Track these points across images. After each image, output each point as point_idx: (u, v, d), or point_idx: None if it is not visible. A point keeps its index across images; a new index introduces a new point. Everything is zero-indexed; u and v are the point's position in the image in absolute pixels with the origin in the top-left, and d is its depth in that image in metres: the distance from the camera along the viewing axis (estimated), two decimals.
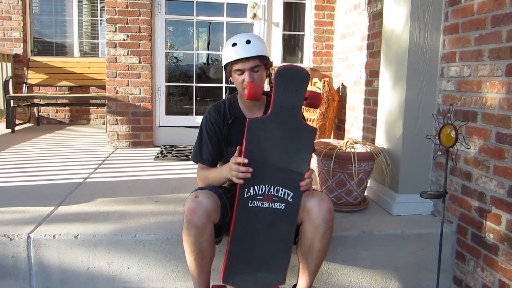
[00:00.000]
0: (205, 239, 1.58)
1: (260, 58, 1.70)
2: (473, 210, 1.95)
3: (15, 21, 5.21)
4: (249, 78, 1.68)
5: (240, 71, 1.71)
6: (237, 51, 1.69)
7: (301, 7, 4.27)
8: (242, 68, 1.69)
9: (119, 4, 3.80)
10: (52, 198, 2.35)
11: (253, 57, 1.68)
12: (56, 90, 5.33)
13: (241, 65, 1.69)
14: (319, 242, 1.61)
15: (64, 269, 1.87)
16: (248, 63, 1.68)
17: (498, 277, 1.79)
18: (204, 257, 1.62)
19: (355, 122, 3.51)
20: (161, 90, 4.08)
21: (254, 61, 1.69)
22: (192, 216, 1.55)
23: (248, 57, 1.68)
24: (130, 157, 3.54)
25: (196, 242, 1.57)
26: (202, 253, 1.60)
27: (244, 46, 1.69)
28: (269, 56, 1.77)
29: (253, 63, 1.69)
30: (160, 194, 2.50)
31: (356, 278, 2.01)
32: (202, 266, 1.64)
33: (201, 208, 1.55)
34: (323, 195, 1.65)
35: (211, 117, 1.83)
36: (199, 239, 1.57)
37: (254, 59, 1.69)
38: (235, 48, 1.70)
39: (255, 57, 1.69)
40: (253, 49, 1.69)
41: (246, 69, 1.69)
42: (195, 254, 1.60)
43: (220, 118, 1.82)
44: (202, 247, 1.59)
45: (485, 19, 1.86)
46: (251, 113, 1.84)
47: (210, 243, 1.62)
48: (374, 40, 3.16)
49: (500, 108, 1.77)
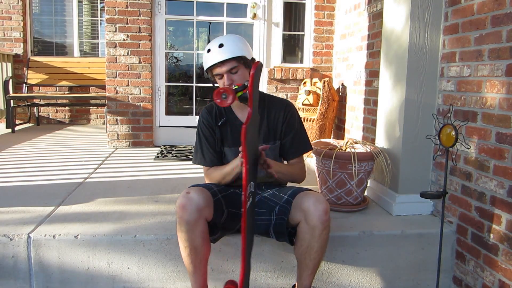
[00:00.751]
0: (197, 236, 1.59)
1: (236, 59, 1.71)
2: (473, 210, 1.95)
3: (15, 21, 5.21)
4: (227, 81, 1.70)
5: (219, 75, 1.74)
6: (212, 57, 1.71)
7: (301, 7, 4.27)
8: (220, 72, 1.72)
9: (119, 4, 3.80)
10: (52, 198, 2.35)
11: (229, 59, 1.69)
12: (56, 90, 5.33)
13: (218, 69, 1.72)
14: (316, 242, 1.61)
15: (64, 269, 1.87)
16: (224, 66, 1.71)
17: (498, 277, 1.79)
18: (198, 253, 1.62)
19: (355, 122, 3.51)
20: (161, 90, 4.08)
21: (230, 63, 1.70)
22: (183, 212, 1.56)
23: (223, 61, 1.69)
24: (130, 157, 3.54)
25: (188, 239, 1.58)
26: (196, 249, 1.61)
27: (218, 50, 1.70)
28: (247, 55, 1.76)
29: (230, 65, 1.71)
30: (160, 194, 2.50)
31: (356, 278, 2.01)
32: (197, 263, 1.64)
33: (191, 204, 1.56)
34: (319, 196, 1.65)
35: (204, 119, 1.88)
36: (191, 236, 1.58)
37: (230, 61, 1.70)
38: (210, 54, 1.72)
39: (231, 59, 1.70)
40: (226, 52, 1.70)
41: (224, 72, 1.71)
42: (188, 250, 1.61)
43: (213, 120, 1.87)
44: (195, 244, 1.60)
45: (485, 19, 1.86)
46: (242, 112, 1.86)
47: (203, 239, 1.62)
48: (374, 40, 3.16)
49: (500, 108, 1.77)
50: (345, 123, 3.79)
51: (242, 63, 1.73)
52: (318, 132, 3.62)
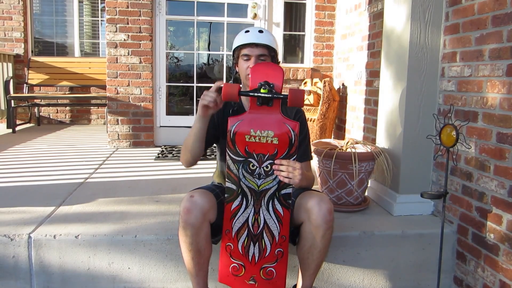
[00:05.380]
0: (201, 238, 1.58)
1: (268, 48, 1.73)
2: (474, 210, 1.95)
3: (15, 21, 5.21)
4: (254, 63, 1.70)
5: (247, 56, 1.73)
6: (249, 37, 1.74)
7: (301, 7, 4.27)
8: (249, 53, 1.72)
9: (120, 4, 3.80)
10: (52, 198, 2.36)
11: (262, 45, 1.72)
12: (57, 90, 5.33)
13: (249, 50, 1.72)
14: (319, 242, 1.61)
15: (64, 269, 1.87)
16: (256, 49, 1.72)
17: (499, 277, 1.79)
18: (202, 256, 1.62)
19: (356, 122, 3.51)
20: (161, 90, 4.08)
21: (263, 49, 1.72)
22: (188, 216, 1.54)
23: (258, 44, 1.71)
24: (131, 157, 3.54)
25: (193, 242, 1.57)
26: (200, 252, 1.60)
27: (256, 34, 1.74)
28: (277, 52, 1.79)
29: (261, 50, 1.72)
30: (161, 194, 2.50)
31: (356, 278, 2.01)
32: (200, 265, 1.64)
33: (196, 207, 1.55)
34: (323, 196, 1.64)
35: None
36: (195, 239, 1.57)
37: (263, 47, 1.72)
38: (247, 34, 1.75)
39: (264, 45, 1.72)
40: (264, 38, 1.73)
41: (254, 55, 1.72)
42: (192, 254, 1.60)
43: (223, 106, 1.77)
44: (199, 247, 1.59)
45: (486, 19, 1.86)
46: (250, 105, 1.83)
47: (207, 242, 1.62)
48: (374, 40, 3.16)
49: (501, 108, 1.77)
50: (345, 123, 3.79)
51: (271, 56, 1.75)
52: (318, 132, 3.62)
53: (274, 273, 1.62)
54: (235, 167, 1.58)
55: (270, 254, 1.61)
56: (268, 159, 1.56)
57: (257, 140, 1.56)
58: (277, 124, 1.55)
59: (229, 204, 1.61)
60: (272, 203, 1.59)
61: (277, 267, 1.62)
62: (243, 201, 1.60)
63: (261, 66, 1.62)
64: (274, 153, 1.56)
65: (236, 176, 1.58)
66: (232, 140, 1.57)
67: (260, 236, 1.61)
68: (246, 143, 1.56)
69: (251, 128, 1.56)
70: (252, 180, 1.58)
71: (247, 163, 1.57)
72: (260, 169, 1.57)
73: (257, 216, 1.60)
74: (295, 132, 1.55)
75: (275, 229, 1.60)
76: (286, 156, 1.56)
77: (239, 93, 1.56)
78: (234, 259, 1.64)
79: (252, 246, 1.62)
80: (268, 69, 1.59)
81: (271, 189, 1.58)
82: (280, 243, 1.60)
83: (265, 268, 1.63)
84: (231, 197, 1.60)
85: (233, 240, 1.62)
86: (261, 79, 1.56)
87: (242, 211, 1.60)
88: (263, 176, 1.58)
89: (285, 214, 1.59)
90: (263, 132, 1.56)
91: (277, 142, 1.55)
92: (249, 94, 1.56)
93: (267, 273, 1.63)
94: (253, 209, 1.60)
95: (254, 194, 1.59)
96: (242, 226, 1.61)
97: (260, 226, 1.60)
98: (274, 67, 1.61)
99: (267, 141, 1.55)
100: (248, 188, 1.59)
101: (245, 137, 1.56)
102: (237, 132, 1.56)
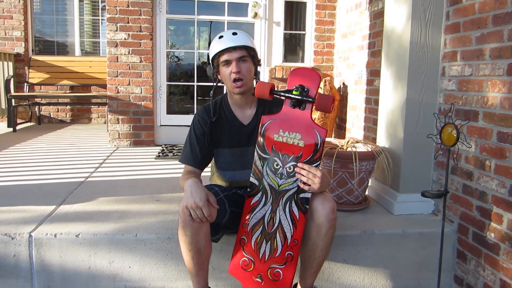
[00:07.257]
0: (201, 238, 1.58)
1: (247, 49, 1.72)
2: (474, 209, 1.95)
3: (16, 20, 5.21)
4: (235, 68, 1.69)
5: (227, 62, 1.71)
6: (224, 42, 1.71)
7: (302, 6, 4.27)
8: (229, 58, 1.70)
9: (120, 3, 3.80)
10: (53, 197, 2.36)
11: (240, 46, 1.69)
12: (57, 89, 5.33)
13: (228, 55, 1.70)
14: (321, 241, 1.61)
15: (65, 268, 1.87)
16: (235, 52, 1.69)
17: (500, 276, 1.79)
18: (202, 255, 1.62)
19: (356, 122, 3.51)
20: (162, 89, 4.08)
21: (241, 51, 1.70)
22: (187, 216, 1.54)
23: (235, 47, 1.69)
24: (131, 156, 3.54)
25: (193, 242, 1.57)
26: (200, 251, 1.60)
27: (231, 37, 1.71)
28: (256, 50, 1.77)
29: (240, 53, 1.70)
30: (161, 193, 2.50)
31: (357, 277, 2.01)
32: (200, 265, 1.63)
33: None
34: (326, 194, 1.64)
35: (199, 117, 1.83)
36: (195, 238, 1.56)
37: (241, 49, 1.70)
38: (222, 40, 1.72)
39: (242, 47, 1.70)
40: (240, 40, 1.71)
41: (233, 59, 1.69)
42: (192, 253, 1.60)
43: (207, 118, 1.82)
44: (199, 246, 1.59)
45: (487, 18, 1.85)
46: (242, 111, 1.83)
47: (207, 241, 1.61)
48: (375, 39, 3.16)
49: (501, 108, 1.77)
50: (346, 122, 3.79)
51: (250, 56, 1.74)
52: None
53: (281, 275, 1.63)
54: (261, 164, 1.64)
55: (280, 255, 1.63)
56: (292, 161, 1.60)
57: (284, 140, 1.61)
58: (306, 127, 1.59)
59: (250, 199, 1.65)
60: (290, 204, 1.61)
61: (285, 270, 1.63)
62: (263, 198, 1.63)
63: (300, 70, 1.65)
64: (298, 155, 1.59)
65: (260, 172, 1.64)
66: (262, 136, 1.63)
67: (273, 235, 1.63)
68: (273, 142, 1.62)
69: (281, 128, 1.61)
70: (274, 179, 1.62)
71: (272, 161, 1.62)
72: (283, 169, 1.61)
73: (274, 215, 1.62)
74: (322, 138, 1.58)
75: (288, 231, 1.61)
76: (309, 160, 1.58)
77: (271, 92, 1.64)
78: (245, 253, 1.66)
79: (264, 244, 1.64)
80: (305, 74, 1.64)
81: (290, 191, 1.61)
82: (291, 246, 1.62)
83: (273, 268, 1.64)
84: (252, 191, 1.65)
85: (248, 234, 1.65)
86: (297, 82, 1.62)
87: (260, 208, 1.64)
88: (284, 177, 1.61)
89: (300, 218, 1.60)
90: (291, 134, 1.60)
91: (303, 145, 1.59)
92: (281, 94, 1.63)
93: (274, 274, 1.64)
94: (271, 207, 1.63)
95: (274, 193, 1.62)
96: (258, 222, 1.64)
97: (275, 225, 1.62)
98: (312, 72, 1.64)
99: (293, 143, 1.60)
100: (269, 185, 1.63)
101: (274, 136, 1.62)
102: (268, 130, 1.62)
